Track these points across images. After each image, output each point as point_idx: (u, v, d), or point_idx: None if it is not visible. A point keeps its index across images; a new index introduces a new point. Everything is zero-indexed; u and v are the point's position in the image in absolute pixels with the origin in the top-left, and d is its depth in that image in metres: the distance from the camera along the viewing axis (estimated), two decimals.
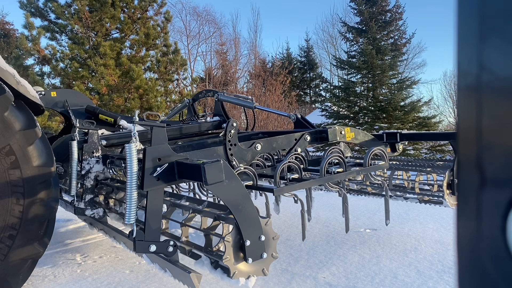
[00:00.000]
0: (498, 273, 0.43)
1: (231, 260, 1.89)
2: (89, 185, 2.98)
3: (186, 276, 1.90)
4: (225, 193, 1.87)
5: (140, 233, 1.95)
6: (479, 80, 0.45)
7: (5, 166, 2.17)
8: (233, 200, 1.90)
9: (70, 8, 10.89)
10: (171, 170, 1.99)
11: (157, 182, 1.95)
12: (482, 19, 0.44)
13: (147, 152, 1.94)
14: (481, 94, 0.45)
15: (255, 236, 1.94)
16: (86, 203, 2.97)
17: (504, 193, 0.42)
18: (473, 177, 0.46)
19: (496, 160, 0.43)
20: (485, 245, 0.44)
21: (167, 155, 2.00)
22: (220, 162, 1.84)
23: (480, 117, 0.45)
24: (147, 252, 2.01)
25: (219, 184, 1.83)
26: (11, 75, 2.24)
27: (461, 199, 0.48)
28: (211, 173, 1.80)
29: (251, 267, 1.95)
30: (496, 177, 0.44)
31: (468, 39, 0.46)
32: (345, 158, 2.69)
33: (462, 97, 0.48)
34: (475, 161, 0.45)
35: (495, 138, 0.44)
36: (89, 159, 2.97)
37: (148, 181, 1.91)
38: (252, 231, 1.94)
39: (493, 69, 0.44)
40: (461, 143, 0.48)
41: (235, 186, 1.92)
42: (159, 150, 1.98)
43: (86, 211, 2.97)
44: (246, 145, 2.86)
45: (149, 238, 1.96)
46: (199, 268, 2.09)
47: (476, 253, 0.46)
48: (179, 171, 1.99)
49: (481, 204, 0.45)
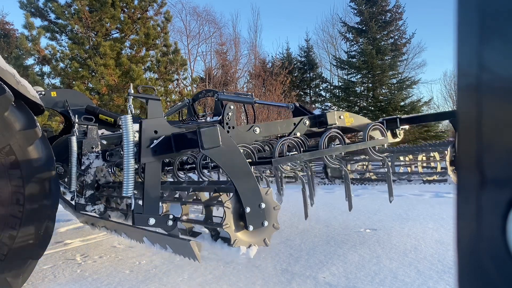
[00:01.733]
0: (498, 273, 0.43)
1: (231, 227, 1.85)
2: (89, 181, 2.98)
3: (186, 246, 1.86)
4: (222, 158, 1.87)
5: (138, 206, 1.96)
6: (479, 80, 0.45)
7: (5, 166, 2.17)
8: (231, 165, 1.89)
9: (70, 8, 10.89)
10: (168, 143, 2.00)
11: (154, 154, 1.96)
12: (482, 19, 0.44)
13: (143, 124, 1.95)
14: (481, 94, 0.45)
15: (255, 203, 1.91)
16: (87, 199, 2.97)
17: (504, 193, 0.42)
18: (473, 177, 0.46)
19: (496, 160, 0.43)
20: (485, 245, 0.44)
21: (163, 128, 2.01)
22: (216, 127, 1.85)
23: (480, 117, 0.45)
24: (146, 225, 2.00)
25: (216, 149, 1.83)
26: (11, 75, 2.24)
27: (461, 199, 0.48)
28: (207, 137, 1.81)
29: (252, 236, 1.91)
30: (496, 177, 0.44)
31: (468, 39, 0.46)
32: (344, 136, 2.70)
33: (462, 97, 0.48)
34: (475, 161, 0.45)
35: (495, 138, 0.44)
36: (88, 154, 2.97)
37: (145, 153, 1.92)
38: (252, 198, 1.91)
39: (493, 69, 0.44)
40: (461, 143, 0.48)
41: (232, 151, 1.91)
42: (155, 123, 1.99)
43: (86, 206, 2.97)
44: (245, 129, 2.86)
45: (148, 211, 1.96)
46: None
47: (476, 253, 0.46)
48: (176, 143, 2.00)
49: (481, 204, 0.45)
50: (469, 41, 0.46)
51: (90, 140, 3.02)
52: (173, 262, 3.02)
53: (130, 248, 3.48)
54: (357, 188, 7.28)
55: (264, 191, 1.98)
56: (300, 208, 5.12)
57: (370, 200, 5.66)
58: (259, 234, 1.94)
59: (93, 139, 3.04)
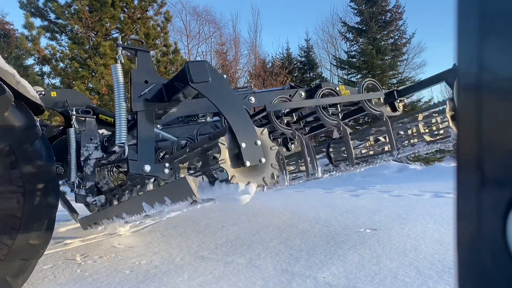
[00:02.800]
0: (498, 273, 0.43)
1: (227, 162, 1.80)
2: (89, 172, 2.98)
3: (182, 182, 1.83)
4: (212, 93, 1.86)
5: (133, 153, 1.96)
6: (479, 80, 0.45)
7: (5, 166, 2.17)
8: (222, 100, 1.87)
9: (70, 8, 10.89)
10: (159, 92, 2.01)
11: (146, 103, 1.97)
12: (482, 19, 0.44)
13: (133, 74, 1.98)
14: (481, 94, 0.45)
15: (251, 140, 1.87)
16: (87, 190, 2.97)
17: (504, 193, 0.42)
18: (473, 177, 0.46)
19: (496, 160, 0.43)
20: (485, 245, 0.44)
21: (153, 78, 2.03)
22: (205, 62, 1.86)
23: (480, 117, 0.45)
24: (141, 172, 2.00)
25: (206, 84, 1.83)
26: (11, 75, 2.24)
27: (461, 199, 0.48)
28: (196, 71, 1.81)
29: (250, 173, 1.85)
30: (496, 177, 0.44)
31: (468, 39, 0.46)
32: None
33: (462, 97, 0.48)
34: (475, 161, 0.45)
35: (495, 138, 0.44)
36: (87, 145, 2.98)
37: (136, 102, 1.94)
38: (247, 134, 1.87)
39: (493, 69, 0.44)
40: (461, 143, 0.48)
41: (222, 86, 1.91)
42: (145, 73, 2.01)
43: (87, 198, 2.97)
44: (240, 98, 2.85)
45: (143, 159, 1.96)
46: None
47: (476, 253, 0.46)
48: (167, 91, 2.01)
49: (481, 204, 0.45)
50: (469, 41, 0.46)
51: (89, 132, 3.03)
52: (173, 262, 3.02)
53: (130, 248, 3.48)
54: (357, 188, 7.28)
55: (259, 131, 1.92)
56: (300, 208, 5.13)
57: (370, 200, 5.66)
58: (257, 172, 1.87)
59: (91, 130, 3.05)
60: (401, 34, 17.65)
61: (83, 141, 2.99)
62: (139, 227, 4.35)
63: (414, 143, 3.20)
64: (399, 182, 7.82)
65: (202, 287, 2.47)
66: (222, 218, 4.70)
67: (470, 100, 0.47)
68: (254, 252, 3.18)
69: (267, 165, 1.90)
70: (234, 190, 1.81)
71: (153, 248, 3.45)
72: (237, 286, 2.45)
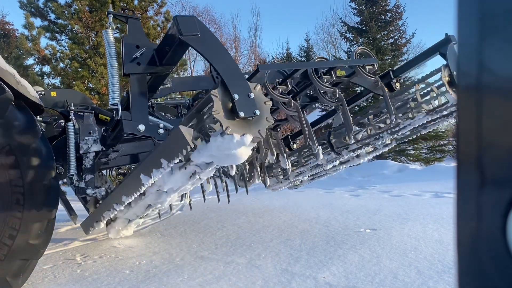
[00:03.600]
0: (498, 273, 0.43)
1: (221, 113, 1.77)
2: (88, 165, 2.99)
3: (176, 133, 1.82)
4: (203, 47, 1.88)
5: (126, 113, 1.98)
6: (479, 80, 0.45)
7: (5, 166, 2.17)
8: (212, 53, 1.88)
9: (70, 8, 10.89)
10: (151, 57, 2.05)
11: (138, 67, 2.00)
12: (482, 19, 0.44)
13: (124, 40, 2.03)
14: (481, 94, 0.45)
15: (244, 92, 1.85)
16: (87, 183, 2.98)
17: (504, 193, 0.42)
18: (473, 177, 0.46)
19: (496, 160, 0.43)
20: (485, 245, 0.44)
21: (144, 43, 2.08)
22: (193, 16, 1.89)
23: (480, 117, 0.45)
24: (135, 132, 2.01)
25: (195, 37, 1.84)
26: (11, 75, 2.24)
27: (461, 199, 0.48)
28: (185, 24, 1.84)
29: (244, 125, 1.82)
30: (496, 177, 0.44)
31: (468, 39, 0.46)
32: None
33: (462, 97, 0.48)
34: (475, 161, 0.45)
35: (495, 138, 0.44)
36: (86, 139, 2.99)
37: (128, 65, 1.97)
38: (239, 86, 1.85)
39: (493, 69, 0.44)
40: (461, 143, 0.48)
41: (212, 40, 1.91)
42: (136, 39, 2.05)
43: (87, 190, 2.98)
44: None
45: (137, 119, 1.98)
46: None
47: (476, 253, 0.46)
48: (158, 55, 2.05)
49: (481, 204, 0.45)
50: (469, 41, 0.46)
51: (87, 126, 3.05)
52: (173, 262, 3.02)
53: (130, 248, 3.48)
54: (357, 188, 7.28)
55: (252, 86, 1.90)
56: (300, 208, 5.13)
57: (370, 200, 5.66)
58: (251, 124, 1.83)
59: (89, 125, 3.07)
60: (401, 34, 17.64)
61: (82, 135, 3.01)
62: (139, 227, 4.35)
63: (413, 116, 3.18)
64: (399, 182, 7.82)
65: (202, 287, 2.47)
66: (222, 218, 4.70)
67: (470, 100, 0.47)
68: (254, 252, 3.18)
69: (262, 118, 1.87)
70: (229, 141, 1.78)
71: (153, 248, 3.45)
72: (237, 286, 2.45)
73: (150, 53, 2.08)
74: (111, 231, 3.55)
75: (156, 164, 2.06)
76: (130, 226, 3.57)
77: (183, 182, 2.29)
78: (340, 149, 3.48)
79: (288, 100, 2.63)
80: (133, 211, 2.98)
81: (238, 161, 1.86)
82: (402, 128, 3.28)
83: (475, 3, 0.45)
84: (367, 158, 3.73)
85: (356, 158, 3.75)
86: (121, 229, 3.55)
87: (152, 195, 2.64)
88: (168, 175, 2.25)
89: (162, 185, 2.36)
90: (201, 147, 1.95)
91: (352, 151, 3.46)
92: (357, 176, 9.16)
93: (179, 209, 5.60)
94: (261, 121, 1.87)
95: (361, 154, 3.70)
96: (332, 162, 3.65)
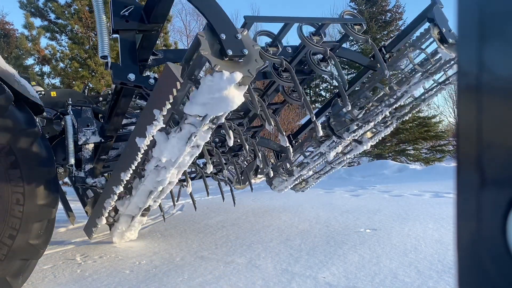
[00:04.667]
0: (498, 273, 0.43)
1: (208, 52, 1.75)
2: (87, 156, 3.02)
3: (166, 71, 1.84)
4: None
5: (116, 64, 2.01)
6: (479, 80, 0.45)
7: (5, 166, 2.17)
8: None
9: (70, 8, 10.89)
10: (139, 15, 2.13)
11: (127, 24, 2.05)
12: (482, 19, 0.44)
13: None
14: (481, 94, 0.45)
15: (231, 32, 1.82)
16: (86, 172, 3.00)
17: (504, 193, 0.42)
18: (473, 177, 0.46)
19: (496, 160, 0.43)
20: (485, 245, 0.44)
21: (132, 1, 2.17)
22: None
23: (480, 117, 0.45)
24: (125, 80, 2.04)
25: None
26: (11, 75, 2.24)
27: (461, 199, 0.48)
28: None
29: (233, 64, 1.80)
30: (496, 177, 0.44)
31: (468, 39, 0.46)
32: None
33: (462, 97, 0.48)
34: (475, 161, 0.45)
35: (495, 138, 0.44)
36: (84, 130, 3.03)
37: (117, 21, 2.03)
38: (225, 26, 1.83)
39: (493, 69, 0.44)
40: (461, 143, 0.48)
41: None
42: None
43: (86, 179, 2.99)
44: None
45: (126, 68, 2.01)
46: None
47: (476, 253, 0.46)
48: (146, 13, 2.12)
49: (481, 204, 0.45)
50: (469, 41, 0.46)
51: (85, 119, 3.09)
52: (173, 262, 3.02)
53: (130, 248, 3.48)
54: (357, 188, 7.28)
55: (240, 30, 1.90)
56: (300, 208, 5.13)
57: (370, 200, 5.66)
58: (241, 65, 1.82)
59: (87, 118, 3.10)
60: None
61: (80, 127, 3.05)
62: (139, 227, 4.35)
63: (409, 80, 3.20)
64: (399, 182, 7.81)
65: (202, 287, 2.47)
66: (222, 218, 4.70)
67: (470, 100, 0.47)
68: (254, 252, 3.18)
69: (251, 59, 1.85)
70: (219, 79, 1.76)
71: (153, 248, 3.45)
72: (237, 286, 2.45)
73: (138, 10, 2.15)
74: (115, 234, 3.49)
75: (149, 118, 2.06)
76: (134, 226, 3.51)
77: (180, 150, 2.24)
78: (341, 131, 3.44)
79: (280, 60, 2.58)
80: (135, 202, 2.90)
81: (231, 105, 1.83)
82: (400, 98, 3.28)
83: (475, 3, 0.45)
84: (369, 143, 3.67)
85: (359, 145, 3.70)
86: (124, 230, 3.49)
87: (150, 176, 2.58)
88: (164, 142, 2.23)
89: (159, 156, 2.30)
90: (193, 95, 1.95)
91: (353, 132, 3.42)
92: (357, 176, 9.16)
93: (179, 209, 5.60)
94: (251, 62, 1.84)
95: (364, 140, 3.66)
96: (334, 149, 3.58)
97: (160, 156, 2.30)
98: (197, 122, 2.08)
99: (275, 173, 4.08)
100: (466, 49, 0.47)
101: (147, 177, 2.62)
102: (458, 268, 0.48)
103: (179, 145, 2.23)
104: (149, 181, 2.68)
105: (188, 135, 2.16)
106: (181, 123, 2.12)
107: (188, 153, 2.36)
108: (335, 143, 3.58)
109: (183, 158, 2.38)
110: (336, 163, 4.09)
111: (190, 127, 2.13)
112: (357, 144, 3.74)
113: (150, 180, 2.66)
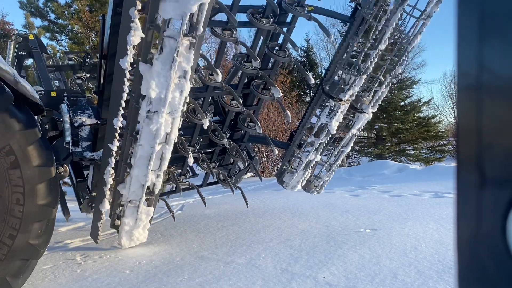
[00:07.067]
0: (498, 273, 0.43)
1: None
2: (84, 135, 3.10)
3: None
4: None
5: None
6: (479, 80, 0.45)
7: (5, 166, 2.17)
8: None
9: (70, 8, 10.91)
10: None
11: None
12: (482, 19, 0.44)
13: None
14: (481, 94, 0.45)
15: None
16: (84, 148, 3.06)
17: (504, 193, 0.42)
18: (473, 177, 0.46)
19: (496, 160, 0.43)
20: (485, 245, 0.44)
21: None
22: None
23: (480, 117, 0.45)
24: None
25: None
26: (11, 75, 2.24)
27: (461, 199, 0.48)
28: None
29: None
30: (496, 177, 0.44)
31: (468, 39, 0.46)
32: None
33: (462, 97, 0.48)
34: (475, 161, 0.45)
35: (495, 138, 0.44)
36: (80, 113, 3.14)
37: None
38: None
39: (493, 69, 0.44)
40: (461, 143, 0.48)
41: None
42: None
43: (84, 153, 3.05)
44: None
45: None
46: None
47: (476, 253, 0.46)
48: None
49: (481, 204, 0.45)
50: (469, 41, 0.46)
51: (80, 106, 3.22)
52: (173, 262, 3.02)
53: (130, 248, 3.48)
54: (357, 188, 7.28)
55: None
56: (300, 208, 5.13)
57: (370, 200, 5.66)
58: None
59: (83, 105, 3.24)
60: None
61: (76, 112, 3.19)
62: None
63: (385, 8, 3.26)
64: (399, 182, 7.81)
65: (202, 287, 2.47)
66: (222, 218, 4.70)
67: (470, 100, 0.47)
68: (254, 252, 3.18)
69: None
70: None
71: (153, 248, 3.45)
72: (237, 286, 2.45)
73: None
74: (123, 234, 3.28)
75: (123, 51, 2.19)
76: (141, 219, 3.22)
77: (167, 78, 2.26)
78: (337, 92, 3.41)
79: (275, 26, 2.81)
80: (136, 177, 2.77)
81: None
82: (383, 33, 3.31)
83: (475, 3, 0.45)
84: (370, 109, 3.61)
85: (361, 115, 3.62)
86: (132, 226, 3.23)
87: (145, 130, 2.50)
88: (149, 71, 2.27)
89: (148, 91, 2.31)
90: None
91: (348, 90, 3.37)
92: (357, 176, 9.16)
93: (179, 209, 5.60)
94: None
95: (364, 107, 3.61)
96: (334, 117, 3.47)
97: (149, 90, 2.30)
98: (175, 34, 2.16)
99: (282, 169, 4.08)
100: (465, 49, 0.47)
101: (142, 134, 2.54)
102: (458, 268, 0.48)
103: (164, 71, 2.26)
104: (145, 138, 2.57)
105: (171, 55, 2.21)
106: (161, 43, 2.20)
107: (176, 86, 2.34)
108: (334, 111, 3.50)
109: (172, 94, 2.36)
110: (344, 144, 3.92)
111: (169, 40, 2.19)
112: (359, 114, 3.64)
113: (146, 137, 2.56)
